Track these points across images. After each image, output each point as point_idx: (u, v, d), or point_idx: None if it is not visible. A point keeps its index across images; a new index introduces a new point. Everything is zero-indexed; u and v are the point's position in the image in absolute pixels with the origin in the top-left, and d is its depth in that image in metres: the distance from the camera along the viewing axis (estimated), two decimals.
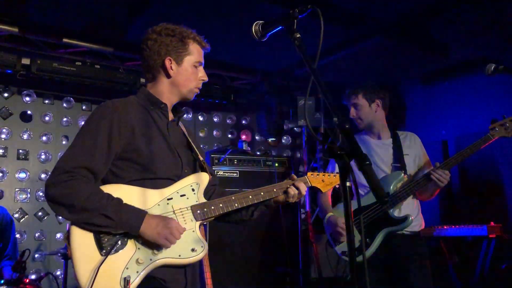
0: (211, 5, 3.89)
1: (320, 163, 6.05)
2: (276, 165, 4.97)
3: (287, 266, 4.68)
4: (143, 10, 4.07)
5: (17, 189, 4.90)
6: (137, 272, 1.82)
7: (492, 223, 3.90)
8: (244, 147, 5.18)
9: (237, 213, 2.21)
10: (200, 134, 6.06)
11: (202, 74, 2.17)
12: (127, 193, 1.92)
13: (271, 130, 5.98)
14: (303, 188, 2.24)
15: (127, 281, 1.77)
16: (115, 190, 1.91)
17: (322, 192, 2.66)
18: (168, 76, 2.11)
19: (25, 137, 5.01)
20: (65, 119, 5.26)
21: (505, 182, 4.67)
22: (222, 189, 2.30)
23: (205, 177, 2.11)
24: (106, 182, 1.96)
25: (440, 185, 2.97)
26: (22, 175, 4.94)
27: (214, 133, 6.19)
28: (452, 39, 4.69)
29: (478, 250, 4.02)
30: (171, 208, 1.97)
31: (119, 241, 1.85)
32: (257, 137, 6.47)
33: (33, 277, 4.60)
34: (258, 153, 5.53)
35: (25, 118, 5.07)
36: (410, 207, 3.14)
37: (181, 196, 2.01)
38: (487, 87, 4.79)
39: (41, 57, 4.74)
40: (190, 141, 2.22)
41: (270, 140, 6.22)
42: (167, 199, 1.98)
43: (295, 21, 1.70)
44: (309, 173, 2.39)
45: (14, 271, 3.32)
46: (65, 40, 4.47)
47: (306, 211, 5.62)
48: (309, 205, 5.61)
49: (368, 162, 1.28)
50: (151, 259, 1.85)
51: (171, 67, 2.09)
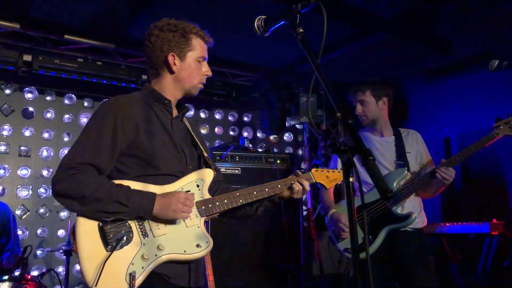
0: (212, 1, 3.88)
1: (322, 159, 6.05)
2: (278, 162, 4.95)
3: (288, 263, 4.68)
4: (144, 6, 4.06)
5: (19, 186, 4.90)
6: (142, 267, 1.83)
7: (494, 220, 3.90)
8: (246, 144, 5.17)
9: (241, 209, 2.22)
10: (202, 131, 6.05)
11: (206, 69, 2.16)
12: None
13: (273, 127, 5.96)
14: (307, 184, 2.24)
15: (132, 276, 1.78)
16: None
17: (325, 189, 2.65)
18: (172, 72, 2.10)
19: (27, 134, 5.01)
20: (67, 116, 5.26)
21: (507, 179, 4.66)
22: (226, 185, 2.30)
23: (209, 173, 2.11)
24: (111, 178, 1.96)
25: (446, 183, 2.96)
26: (24, 172, 4.94)
27: (216, 130, 6.19)
28: (455, 36, 4.67)
29: (480, 247, 4.01)
30: None
31: (124, 237, 1.85)
32: (259, 134, 6.46)
33: (35, 273, 4.61)
34: (260, 150, 5.52)
35: (27, 115, 5.07)
36: (412, 204, 3.14)
37: (185, 192, 2.01)
38: (491, 83, 4.77)
39: (42, 54, 4.74)
40: (195, 137, 2.22)
41: (272, 137, 6.22)
42: None
43: (298, 15, 1.68)
44: (314, 170, 2.39)
45: (16, 268, 3.32)
46: (66, 37, 4.46)
47: (308, 208, 5.61)
48: (311, 202, 5.61)
49: (372, 158, 1.27)
50: (156, 255, 1.86)
51: (174, 63, 2.08)
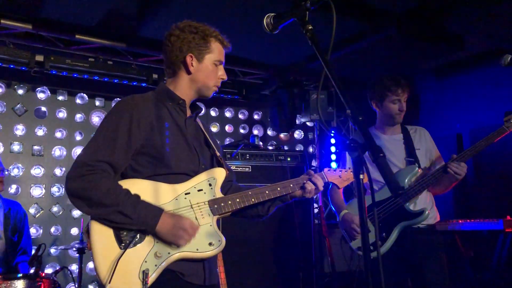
0: (222, 1, 3.89)
1: (333, 157, 6.03)
2: (289, 159, 4.94)
3: (300, 261, 4.68)
4: (155, 6, 4.08)
5: (32, 185, 4.96)
6: (156, 265, 1.85)
7: (508, 217, 3.84)
8: (256, 141, 5.18)
9: (253, 209, 2.24)
10: (213, 129, 6.07)
11: (222, 73, 2.19)
12: (145, 188, 1.95)
13: (283, 125, 5.96)
14: (320, 184, 2.26)
15: (145, 274, 1.80)
16: (132, 185, 1.94)
17: (337, 188, 2.66)
18: (189, 72, 2.13)
19: (39, 133, 5.07)
20: (78, 115, 5.30)
21: None
22: (238, 185, 2.32)
23: (221, 172, 2.14)
24: (125, 176, 1.99)
25: (458, 178, 2.95)
26: (37, 171, 5.00)
27: (226, 128, 6.20)
28: (467, 31, 4.61)
29: (494, 244, 3.97)
30: (188, 202, 2.00)
31: (137, 235, 1.88)
32: (269, 132, 6.46)
33: (49, 271, 4.67)
34: (270, 148, 5.53)
35: (40, 114, 5.13)
36: (424, 201, 3.13)
37: (198, 191, 2.04)
38: (503, 78, 4.71)
39: (54, 54, 4.79)
40: (208, 137, 2.25)
41: (282, 134, 6.21)
42: (185, 194, 2.01)
43: (307, 12, 1.68)
44: (326, 169, 2.41)
45: (31, 266, 3.37)
46: (78, 37, 4.50)
47: (319, 205, 5.60)
48: (322, 200, 5.60)
49: (382, 154, 1.26)
50: (169, 253, 1.88)
51: (192, 63, 2.11)
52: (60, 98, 5.24)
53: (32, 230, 4.75)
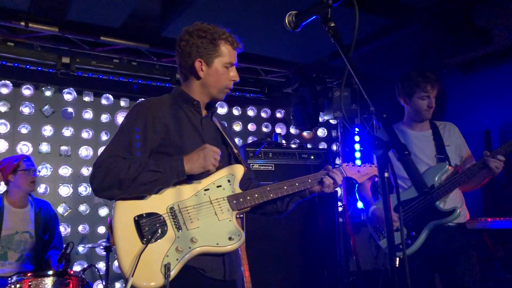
0: (244, 0, 3.89)
1: (357, 155, 5.96)
2: (312, 157, 4.91)
3: (324, 259, 4.65)
4: (177, 7, 4.11)
5: (60, 185, 5.07)
6: (177, 259, 1.88)
7: None
8: (279, 140, 5.16)
9: (272, 205, 2.25)
10: (235, 128, 6.09)
11: (233, 74, 2.18)
12: None
13: (306, 123, 5.93)
14: (338, 178, 2.26)
15: (167, 267, 1.84)
16: None
17: (359, 184, 2.62)
18: (198, 77, 2.15)
19: (66, 134, 5.17)
20: (104, 115, 5.39)
21: None
22: (258, 183, 2.33)
23: (240, 169, 2.16)
24: None
25: (496, 172, 2.88)
26: (65, 171, 5.10)
27: (249, 126, 6.21)
28: (495, 24, 4.49)
29: None
30: (208, 198, 2.03)
31: (159, 230, 1.92)
32: (292, 130, 6.44)
33: (77, 268, 4.76)
34: (293, 146, 5.51)
35: (66, 115, 5.23)
36: (455, 199, 3.06)
37: (217, 187, 2.07)
38: None
39: (80, 56, 4.89)
40: (224, 135, 2.27)
41: (305, 132, 6.18)
42: (204, 190, 2.05)
43: (329, 9, 1.66)
44: (344, 164, 2.39)
45: (59, 263, 3.44)
46: (102, 38, 4.58)
47: (343, 204, 5.56)
48: (346, 198, 5.55)
49: (407, 152, 1.24)
50: (190, 247, 1.91)
51: (202, 68, 2.13)
52: (86, 99, 5.34)
53: (61, 229, 4.85)
